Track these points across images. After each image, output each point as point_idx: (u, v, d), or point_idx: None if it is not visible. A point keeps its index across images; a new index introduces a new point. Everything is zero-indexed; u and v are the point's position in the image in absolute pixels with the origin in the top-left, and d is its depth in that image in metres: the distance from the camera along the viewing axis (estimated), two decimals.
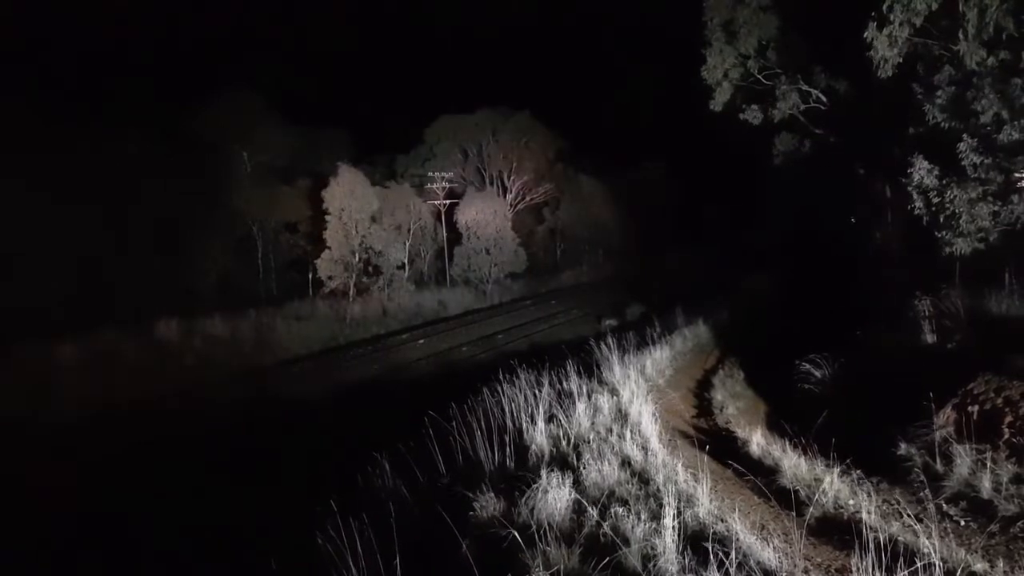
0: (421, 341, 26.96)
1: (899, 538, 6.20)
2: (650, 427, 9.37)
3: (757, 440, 9.87)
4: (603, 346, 13.33)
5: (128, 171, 31.00)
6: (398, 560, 5.90)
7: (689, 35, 22.41)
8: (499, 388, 10.39)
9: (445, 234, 48.60)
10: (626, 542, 6.12)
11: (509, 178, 54.10)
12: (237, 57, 57.15)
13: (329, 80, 67.95)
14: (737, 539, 6.07)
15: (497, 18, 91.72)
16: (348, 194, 36.25)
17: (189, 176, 34.14)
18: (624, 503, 6.94)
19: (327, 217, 36.42)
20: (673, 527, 6.08)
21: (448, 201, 48.78)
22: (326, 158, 40.37)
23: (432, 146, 52.38)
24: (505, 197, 52.38)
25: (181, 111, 39.10)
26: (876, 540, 5.40)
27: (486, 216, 47.07)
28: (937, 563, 5.17)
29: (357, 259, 34.68)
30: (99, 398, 18.41)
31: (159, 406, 18.49)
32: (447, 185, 48.66)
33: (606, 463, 7.88)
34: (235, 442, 14.83)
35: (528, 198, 55.73)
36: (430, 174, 48.67)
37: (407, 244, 41.49)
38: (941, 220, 14.41)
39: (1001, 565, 5.88)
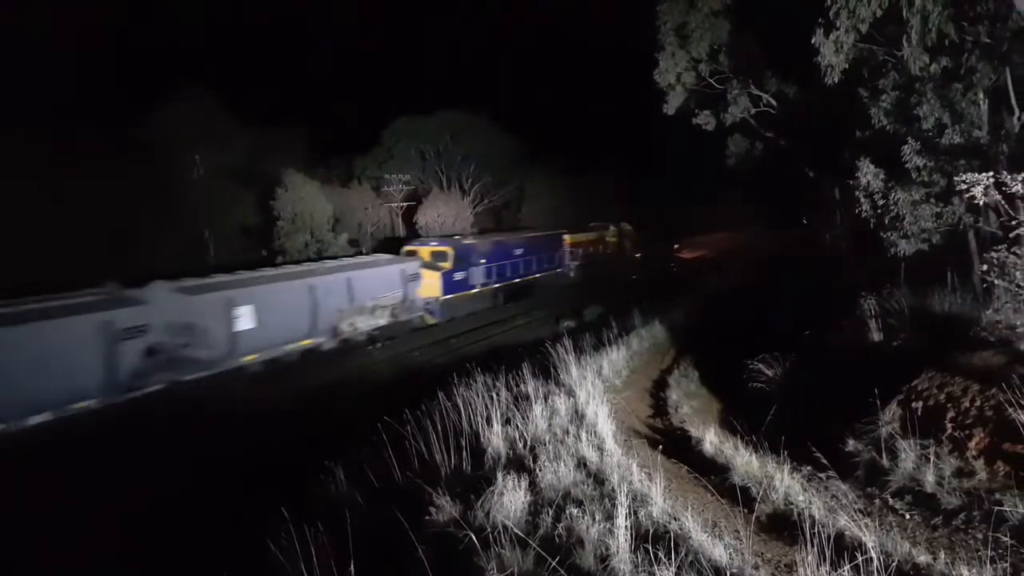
0: (378, 345, 26.67)
1: (846, 533, 6.33)
2: (606, 428, 9.42)
3: (710, 439, 10.00)
4: (560, 348, 13.36)
5: (78, 170, 30.30)
6: (353, 566, 5.83)
7: (646, 38, 22.62)
8: (455, 391, 10.37)
9: (404, 236, 48.38)
10: (581, 543, 6.16)
11: (468, 180, 54.08)
12: (191, 57, 56.08)
13: (286, 80, 67.21)
14: (689, 537, 6.14)
15: (458, 21, 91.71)
16: (299, 200, 36.06)
17: (139, 178, 33.41)
18: (579, 504, 6.97)
19: (279, 223, 36.15)
20: (627, 527, 6.12)
21: (406, 203, 48.60)
22: (282, 160, 39.85)
23: (390, 147, 52.07)
24: (465, 199, 52.36)
25: (131, 111, 38.38)
26: (824, 535, 5.51)
27: (447, 218, 47.01)
28: (877, 557, 5.30)
29: None
30: None
31: None
32: (404, 187, 48.50)
33: (562, 464, 7.92)
34: (185, 451, 14.46)
35: (488, 200, 55.77)
36: (388, 176, 48.42)
37: (366, 247, 41.27)
38: (886, 222, 14.80)
39: (943, 557, 6.02)
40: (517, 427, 9.34)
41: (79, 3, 38.55)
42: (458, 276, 32.99)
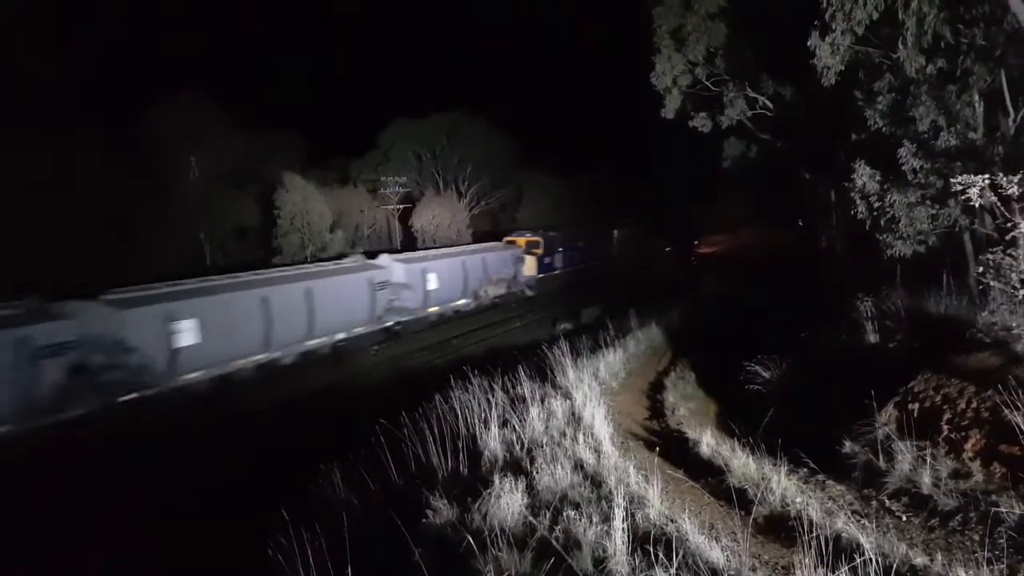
0: (375, 348, 26.68)
1: (843, 534, 6.32)
2: (603, 430, 9.40)
3: (707, 441, 9.99)
4: (557, 350, 13.35)
5: (73, 172, 30.34)
6: (350, 569, 5.81)
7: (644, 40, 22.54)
8: (452, 394, 10.34)
9: (400, 238, 48.36)
10: (578, 545, 6.14)
11: (464, 182, 54.02)
12: (189, 60, 56.07)
13: (283, 82, 67.23)
14: (686, 539, 6.12)
15: (456, 23, 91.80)
16: (300, 200, 36.06)
17: (135, 179, 33.40)
18: (576, 506, 6.94)
19: (279, 223, 36.08)
20: (624, 529, 6.10)
21: (402, 206, 48.56)
22: (279, 162, 39.81)
23: (387, 150, 51.99)
24: (461, 201, 52.31)
25: (129, 112, 38.39)
26: (821, 537, 5.51)
27: (443, 220, 47.00)
28: (874, 558, 5.29)
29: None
30: None
31: None
32: (400, 189, 48.47)
33: (559, 467, 7.89)
34: (184, 449, 14.45)
35: (485, 202, 55.73)
36: (384, 178, 48.37)
37: (362, 249, 41.21)
38: (882, 223, 14.81)
39: (940, 558, 6.01)
40: (514, 429, 9.33)
41: (79, 4, 38.59)
42: (547, 260, 43.35)
